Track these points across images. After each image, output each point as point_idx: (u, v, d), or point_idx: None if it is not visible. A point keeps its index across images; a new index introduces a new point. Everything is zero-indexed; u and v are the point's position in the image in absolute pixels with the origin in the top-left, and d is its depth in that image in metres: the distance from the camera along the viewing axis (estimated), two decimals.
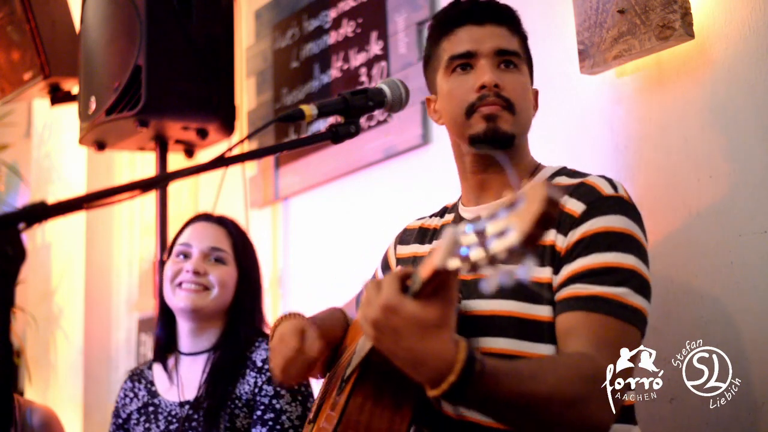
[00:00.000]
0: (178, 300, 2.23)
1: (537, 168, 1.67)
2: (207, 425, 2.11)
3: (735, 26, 1.82)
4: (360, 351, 1.51)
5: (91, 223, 3.87)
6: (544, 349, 1.48)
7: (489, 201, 1.66)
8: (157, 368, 2.31)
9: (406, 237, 1.86)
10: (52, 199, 1.20)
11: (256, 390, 2.12)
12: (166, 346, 2.31)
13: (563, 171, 1.64)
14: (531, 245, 0.94)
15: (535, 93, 1.71)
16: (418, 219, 1.88)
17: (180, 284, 2.23)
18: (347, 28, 2.88)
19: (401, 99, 1.57)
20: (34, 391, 3.84)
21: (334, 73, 2.91)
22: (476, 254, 0.99)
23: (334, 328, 1.82)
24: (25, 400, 2.79)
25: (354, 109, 1.51)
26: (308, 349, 1.63)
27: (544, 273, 1.50)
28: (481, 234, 0.99)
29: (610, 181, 1.55)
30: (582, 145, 2.11)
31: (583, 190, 1.53)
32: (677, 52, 1.90)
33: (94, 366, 3.76)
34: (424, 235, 1.81)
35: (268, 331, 2.29)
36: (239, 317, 2.26)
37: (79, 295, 3.83)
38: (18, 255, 1.12)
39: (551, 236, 1.50)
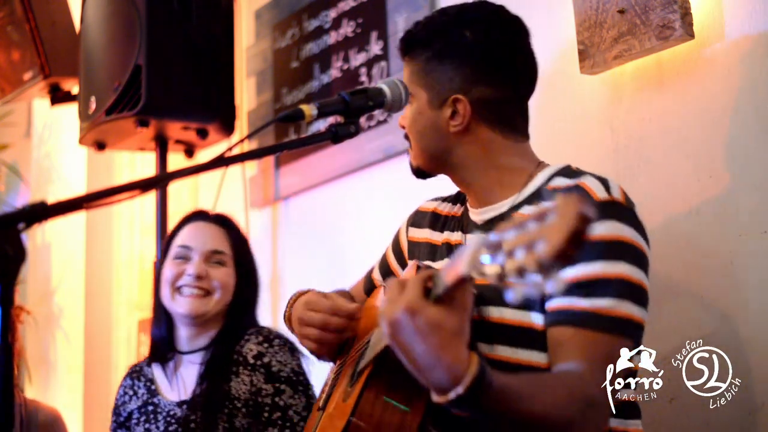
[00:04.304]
0: (178, 306, 2.20)
1: (538, 166, 1.64)
2: (205, 426, 2.09)
3: (735, 26, 1.82)
4: (375, 344, 1.51)
5: (91, 223, 3.87)
6: (538, 357, 1.48)
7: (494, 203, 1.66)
8: (157, 367, 2.29)
9: (418, 219, 1.84)
10: (52, 199, 1.20)
11: (254, 390, 2.10)
12: (164, 347, 2.28)
13: (563, 171, 1.60)
14: (562, 261, 0.92)
15: (454, 100, 1.62)
16: (433, 200, 1.84)
17: (180, 289, 2.20)
18: (347, 28, 2.88)
19: (401, 99, 1.57)
20: (34, 391, 3.83)
21: (334, 73, 2.91)
22: (503, 263, 0.98)
23: None
24: (31, 400, 2.80)
25: (354, 109, 1.51)
26: (342, 307, 1.67)
27: None
28: (508, 243, 0.97)
29: (605, 182, 1.52)
30: (582, 145, 2.11)
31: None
32: (677, 52, 1.90)
33: (94, 366, 3.76)
34: (436, 220, 1.78)
35: (259, 325, 2.29)
36: (237, 316, 2.25)
37: (79, 295, 3.83)
38: (18, 255, 1.12)
39: None
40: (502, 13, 1.67)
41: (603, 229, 1.46)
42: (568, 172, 1.60)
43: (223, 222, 2.31)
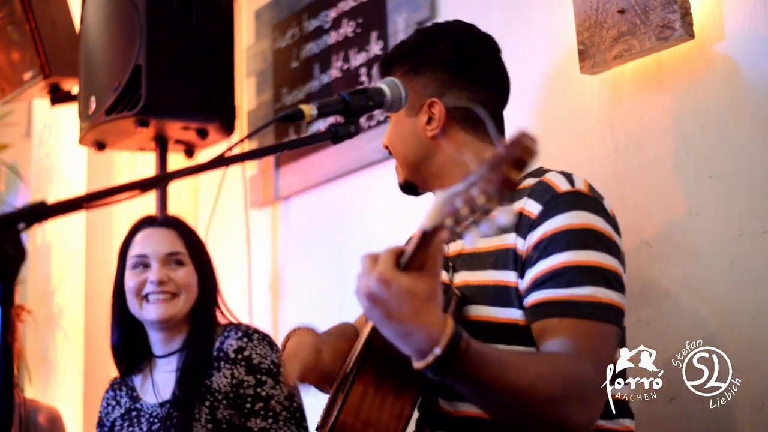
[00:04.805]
0: (148, 313, 2.22)
1: None
2: (185, 419, 2.11)
3: (735, 26, 1.82)
4: (361, 342, 1.52)
5: (91, 223, 3.86)
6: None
7: None
8: (135, 376, 2.31)
9: None
10: (52, 199, 1.20)
11: (236, 382, 2.12)
12: (135, 355, 2.30)
13: (533, 172, 1.62)
14: (506, 188, 0.98)
15: (429, 105, 1.69)
16: None
17: (146, 297, 2.22)
18: (347, 28, 2.88)
19: (401, 99, 1.57)
20: (34, 391, 3.83)
21: (334, 73, 2.91)
22: (459, 207, 1.03)
23: (347, 345, 1.81)
24: (30, 400, 2.81)
25: (354, 109, 1.51)
26: (325, 364, 1.68)
27: (509, 277, 1.52)
28: (465, 192, 1.02)
29: (568, 176, 1.55)
30: (582, 145, 2.11)
31: (540, 190, 1.54)
32: (677, 52, 1.90)
33: (94, 366, 3.76)
34: None
35: (233, 320, 2.31)
36: (204, 313, 2.27)
37: (79, 295, 3.82)
38: (18, 255, 1.13)
39: (511, 239, 1.52)
40: (474, 30, 1.76)
41: (570, 219, 1.49)
42: (537, 172, 1.63)
43: (173, 223, 2.32)
